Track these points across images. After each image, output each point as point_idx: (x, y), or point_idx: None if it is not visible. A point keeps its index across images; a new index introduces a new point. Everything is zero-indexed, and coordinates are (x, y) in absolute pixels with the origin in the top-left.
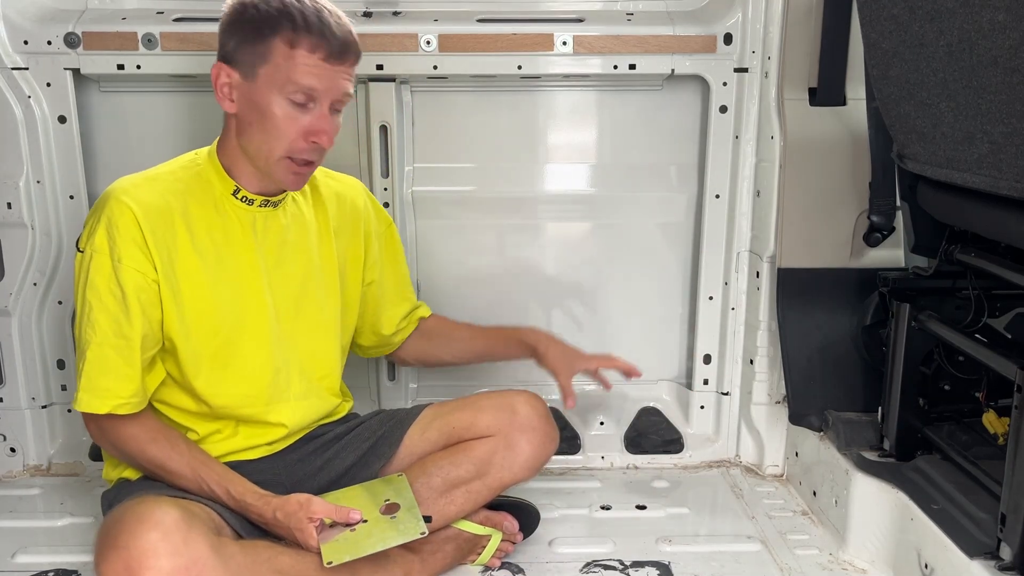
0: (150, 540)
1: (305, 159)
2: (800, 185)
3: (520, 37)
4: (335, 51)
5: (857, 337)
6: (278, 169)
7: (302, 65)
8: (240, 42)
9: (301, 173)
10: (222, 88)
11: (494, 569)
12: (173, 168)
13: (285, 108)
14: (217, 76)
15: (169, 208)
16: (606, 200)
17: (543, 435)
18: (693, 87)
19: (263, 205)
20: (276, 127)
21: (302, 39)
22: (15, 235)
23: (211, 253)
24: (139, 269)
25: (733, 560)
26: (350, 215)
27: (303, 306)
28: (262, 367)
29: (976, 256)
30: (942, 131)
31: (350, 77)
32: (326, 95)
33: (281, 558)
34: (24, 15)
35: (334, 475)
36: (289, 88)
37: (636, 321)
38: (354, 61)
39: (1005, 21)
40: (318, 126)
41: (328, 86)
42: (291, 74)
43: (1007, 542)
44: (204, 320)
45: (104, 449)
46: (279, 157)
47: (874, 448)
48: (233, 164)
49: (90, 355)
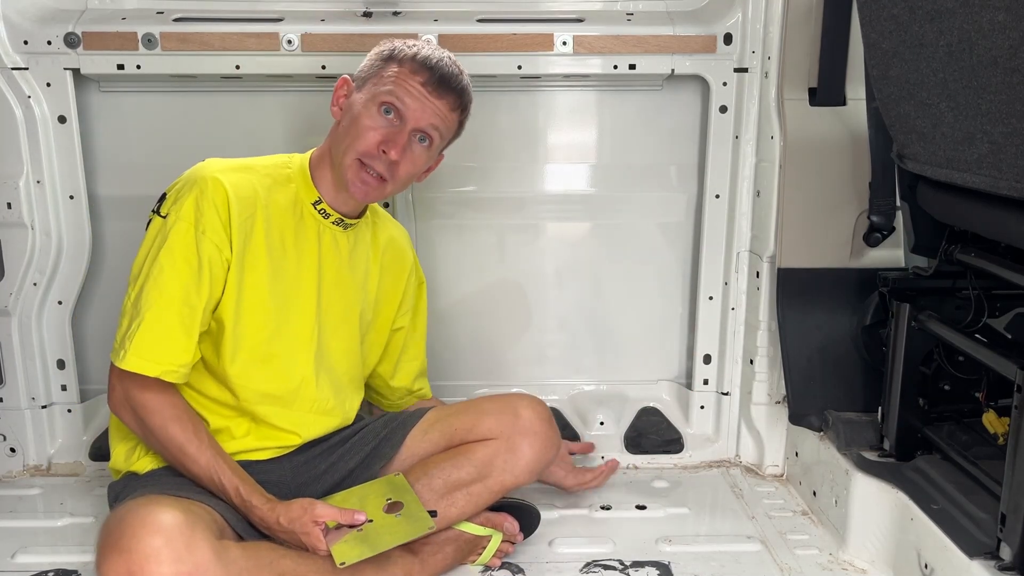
0: (152, 545)
1: (375, 169)
2: (800, 185)
3: (520, 37)
4: (433, 81)
5: (857, 337)
6: (349, 170)
7: (400, 80)
8: (368, 63)
9: (367, 182)
10: (339, 97)
11: (494, 569)
12: (266, 163)
13: (372, 114)
14: (340, 85)
15: (255, 198)
16: (606, 200)
17: (545, 439)
18: (693, 87)
19: (337, 223)
20: (359, 129)
21: (409, 63)
22: (15, 235)
23: (279, 252)
24: (219, 245)
25: (733, 560)
26: (399, 259)
27: (344, 330)
28: (295, 372)
29: (976, 256)
30: (942, 131)
31: (443, 115)
32: (412, 116)
33: (283, 561)
34: (24, 15)
35: (337, 478)
36: (381, 96)
37: (636, 321)
38: (452, 103)
39: (1005, 21)
40: (392, 137)
41: (416, 108)
42: (387, 84)
43: (1007, 542)
44: (256, 311)
45: (120, 418)
46: (353, 158)
47: (874, 448)
48: (319, 174)
49: (150, 317)
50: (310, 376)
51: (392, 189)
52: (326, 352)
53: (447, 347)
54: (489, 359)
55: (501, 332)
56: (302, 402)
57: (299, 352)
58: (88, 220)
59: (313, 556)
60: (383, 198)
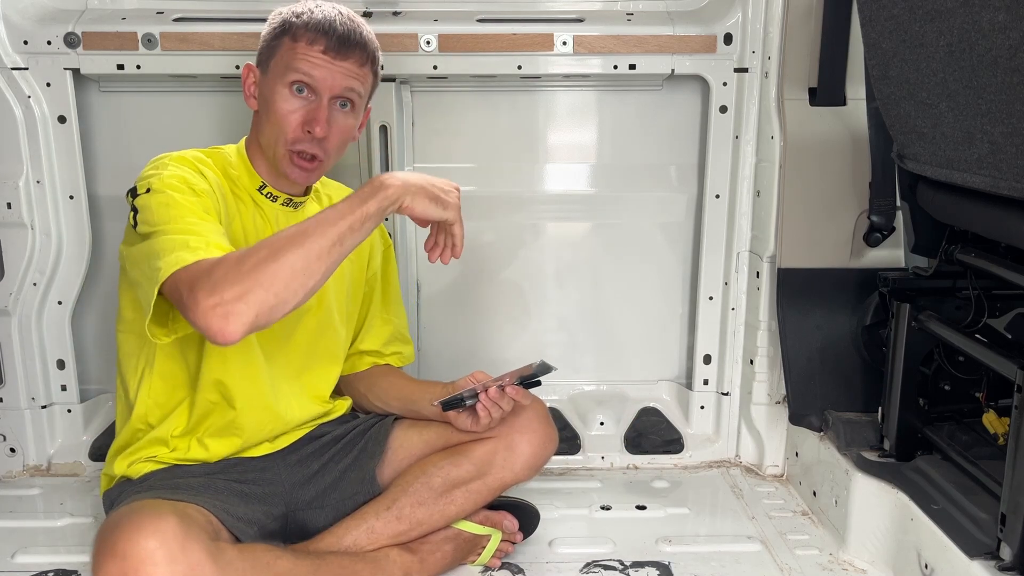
0: (147, 548)
1: (309, 152)
2: (800, 185)
3: (520, 37)
4: (334, 45)
5: (857, 337)
6: (284, 162)
7: (301, 54)
8: (264, 44)
9: (305, 167)
10: (249, 86)
11: (494, 569)
12: (208, 155)
13: (286, 98)
14: (246, 75)
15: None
16: (606, 200)
17: (543, 436)
18: (693, 87)
19: (285, 204)
20: (277, 117)
21: (303, 34)
22: (15, 235)
23: (238, 237)
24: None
25: (733, 560)
26: None
27: (318, 307)
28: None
29: (976, 256)
30: (942, 131)
31: (354, 73)
32: (324, 87)
33: (279, 562)
34: (24, 15)
35: (330, 480)
36: (289, 76)
37: (636, 321)
38: (359, 59)
39: (1005, 21)
40: (313, 115)
41: (326, 77)
42: (291, 62)
43: (1007, 542)
44: None
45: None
46: (284, 150)
47: (874, 448)
48: (256, 161)
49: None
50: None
51: (330, 162)
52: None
53: (447, 347)
54: (489, 359)
55: (501, 332)
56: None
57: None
58: (88, 220)
59: (310, 557)
60: (324, 173)
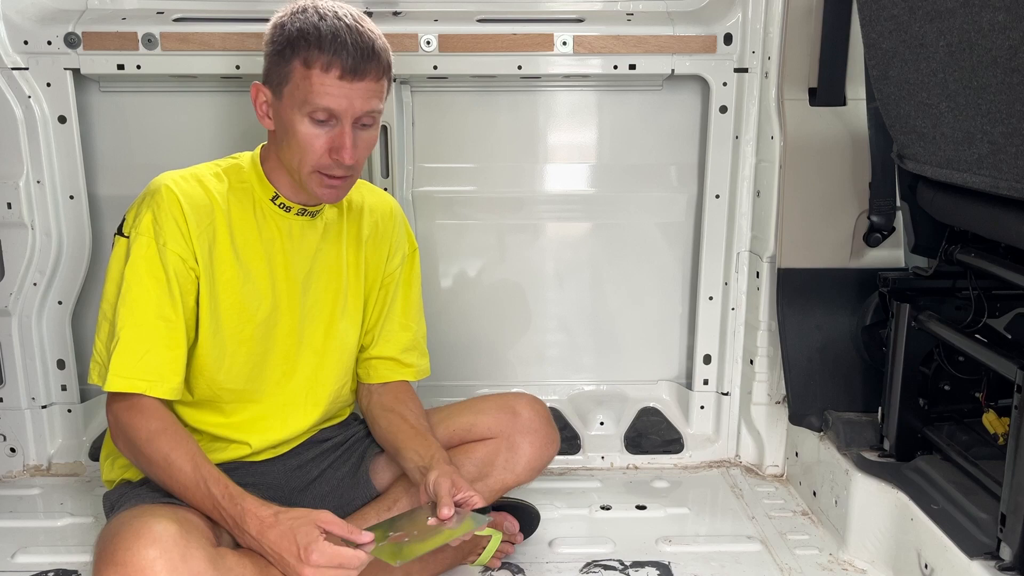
0: (147, 557)
1: (335, 174)
2: (800, 185)
3: (520, 37)
4: (349, 68)
5: (857, 337)
6: (311, 182)
7: (317, 85)
8: (270, 64)
9: (334, 187)
10: (261, 106)
11: (494, 569)
12: (216, 168)
13: (307, 127)
14: (256, 95)
15: (212, 205)
16: (606, 200)
17: (544, 437)
18: (693, 87)
19: (300, 214)
20: (300, 145)
21: (316, 58)
22: (15, 235)
23: (247, 254)
24: (182, 256)
25: (733, 560)
26: (381, 225)
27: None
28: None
29: (976, 256)
30: (942, 131)
31: (373, 92)
32: (345, 112)
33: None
34: (24, 15)
35: (328, 487)
36: (307, 108)
37: (636, 321)
38: (376, 74)
39: (1005, 21)
40: (338, 143)
41: (346, 105)
42: (308, 95)
43: (1007, 542)
44: (234, 317)
45: (116, 444)
46: (309, 172)
47: (874, 448)
48: (274, 173)
49: (126, 335)
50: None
51: (357, 176)
52: (313, 343)
53: (447, 347)
54: (489, 359)
55: (501, 332)
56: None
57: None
58: (88, 220)
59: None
60: (351, 187)
